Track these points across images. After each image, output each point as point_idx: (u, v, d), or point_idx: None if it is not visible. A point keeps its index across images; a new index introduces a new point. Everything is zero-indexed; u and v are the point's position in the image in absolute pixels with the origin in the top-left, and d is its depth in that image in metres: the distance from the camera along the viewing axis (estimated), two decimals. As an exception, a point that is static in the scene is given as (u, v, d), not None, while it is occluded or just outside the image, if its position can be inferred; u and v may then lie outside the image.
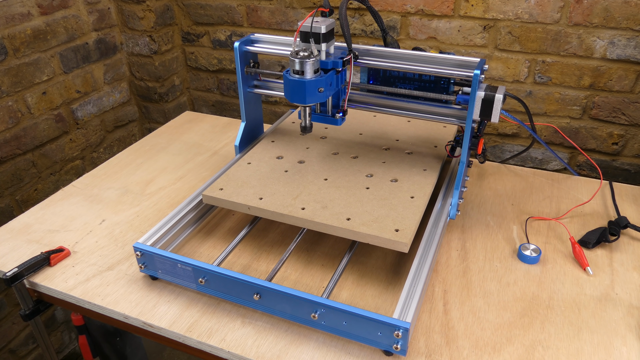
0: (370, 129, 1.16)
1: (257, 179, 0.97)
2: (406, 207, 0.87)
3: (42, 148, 1.50)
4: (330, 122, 0.99)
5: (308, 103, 0.88)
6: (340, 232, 0.84)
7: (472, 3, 1.34)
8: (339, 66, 0.90)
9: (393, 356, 0.74)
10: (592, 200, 1.07)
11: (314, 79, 0.86)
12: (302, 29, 0.87)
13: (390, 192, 0.92)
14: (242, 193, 0.93)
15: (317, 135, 1.13)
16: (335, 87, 0.92)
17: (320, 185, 0.95)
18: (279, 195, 0.92)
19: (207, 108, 1.89)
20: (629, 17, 1.22)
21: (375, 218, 0.85)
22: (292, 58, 0.85)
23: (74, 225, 1.04)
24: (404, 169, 0.99)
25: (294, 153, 1.06)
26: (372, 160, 1.03)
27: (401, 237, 0.80)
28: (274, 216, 0.88)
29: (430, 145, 1.08)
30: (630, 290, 0.85)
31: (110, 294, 0.87)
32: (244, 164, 1.02)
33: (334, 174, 0.98)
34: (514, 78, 1.40)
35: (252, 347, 0.76)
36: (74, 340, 1.71)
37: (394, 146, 1.08)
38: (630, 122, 1.34)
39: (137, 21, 1.63)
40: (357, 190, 0.93)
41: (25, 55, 1.40)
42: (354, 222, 0.84)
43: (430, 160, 1.02)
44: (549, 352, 0.74)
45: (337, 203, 0.89)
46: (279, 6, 1.56)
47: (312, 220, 0.85)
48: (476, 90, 0.87)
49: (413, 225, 0.83)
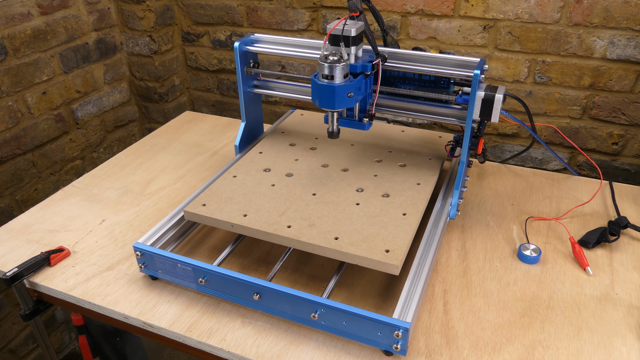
0: (362, 139, 1.11)
1: (242, 194, 0.93)
2: (397, 225, 0.84)
3: (42, 148, 1.50)
4: (358, 126, 0.97)
5: (337, 108, 0.86)
6: (327, 252, 0.80)
7: (472, 3, 1.34)
8: (368, 70, 0.88)
9: (393, 356, 0.74)
10: (592, 200, 1.06)
11: (344, 84, 0.83)
12: (330, 31, 0.84)
13: (382, 209, 0.88)
14: (226, 209, 0.88)
15: (307, 146, 1.09)
16: (363, 91, 0.90)
17: (308, 200, 0.90)
18: (264, 212, 0.87)
19: (207, 108, 1.89)
20: (629, 17, 1.22)
21: (364, 237, 0.81)
22: (322, 62, 0.83)
23: (74, 225, 1.04)
24: (396, 183, 0.95)
25: (282, 165, 1.02)
26: (363, 173, 0.99)
27: (391, 259, 0.76)
28: (259, 235, 0.84)
29: (425, 158, 1.04)
30: (630, 290, 0.85)
31: (110, 294, 0.87)
32: (229, 177, 0.98)
33: (322, 188, 0.94)
34: (514, 78, 1.40)
35: (252, 347, 0.76)
36: (74, 340, 1.71)
37: (386, 158, 1.04)
38: (630, 122, 1.34)
39: (137, 21, 1.63)
40: (346, 207, 0.89)
41: (25, 55, 1.40)
42: (342, 241, 0.80)
43: (424, 174, 0.98)
44: (549, 352, 0.74)
45: (325, 220, 0.85)
46: (279, 6, 1.56)
47: (298, 239, 0.81)
48: (476, 90, 0.87)
49: (404, 245, 0.79)
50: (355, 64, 0.87)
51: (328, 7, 1.50)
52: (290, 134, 1.14)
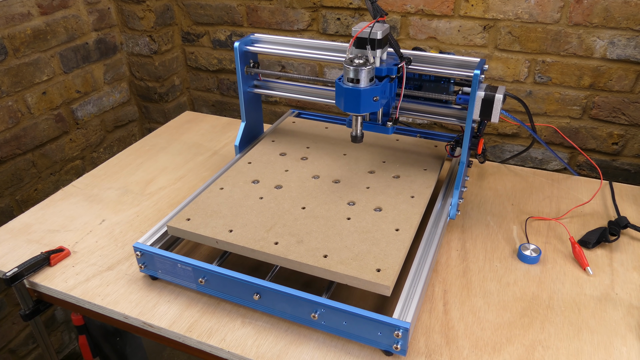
0: (355, 148, 1.08)
1: (229, 207, 0.89)
2: (390, 241, 0.80)
3: (42, 148, 1.50)
4: (381, 130, 0.95)
5: (362, 112, 0.84)
6: (315, 271, 0.77)
7: (472, 3, 1.34)
8: (393, 73, 0.86)
9: (393, 356, 0.74)
10: (592, 200, 1.06)
11: (369, 88, 0.82)
12: (357, 34, 0.83)
13: (374, 224, 0.84)
14: (211, 224, 0.85)
15: (298, 155, 1.05)
16: (388, 95, 0.88)
17: (297, 215, 0.87)
18: (251, 227, 0.84)
19: (207, 108, 1.89)
20: (629, 17, 1.22)
21: (355, 255, 0.78)
22: (347, 66, 0.81)
23: (74, 225, 1.04)
24: (389, 196, 0.91)
25: (272, 177, 0.98)
26: (355, 185, 0.95)
27: (382, 279, 0.73)
28: (244, 252, 0.81)
29: (420, 168, 1.00)
30: (630, 290, 0.85)
31: (110, 294, 0.87)
32: (216, 189, 0.94)
33: (312, 201, 0.91)
34: (514, 78, 1.40)
35: (252, 347, 0.76)
36: (74, 340, 1.71)
37: (379, 168, 1.00)
38: (630, 122, 1.34)
39: (137, 21, 1.63)
40: (337, 221, 0.85)
41: (25, 55, 1.40)
42: (331, 259, 0.77)
43: (418, 186, 0.94)
44: (549, 352, 0.74)
45: (314, 237, 0.82)
46: (279, 6, 1.56)
47: (285, 257, 0.78)
48: (476, 90, 0.87)
49: (396, 264, 0.76)
50: (380, 67, 0.85)
51: (328, 7, 1.50)
52: (281, 142, 1.11)
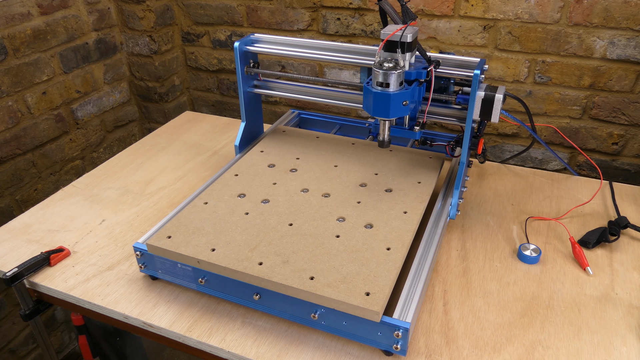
0: (347, 159, 1.03)
1: (212, 224, 0.85)
2: (380, 262, 0.76)
3: (42, 148, 1.50)
4: (408, 135, 0.94)
5: (392, 117, 0.83)
6: (301, 294, 0.73)
7: (472, 3, 1.34)
8: (422, 77, 0.85)
9: (393, 356, 0.74)
10: (592, 200, 1.06)
11: (399, 92, 0.80)
12: (387, 38, 0.81)
13: (364, 242, 0.80)
14: (193, 242, 0.81)
15: (287, 167, 1.01)
16: (417, 99, 0.87)
17: (283, 232, 0.83)
18: (234, 246, 0.80)
19: (207, 108, 1.89)
20: (629, 17, 1.22)
21: (343, 277, 0.74)
22: (376, 69, 0.80)
23: (74, 225, 1.04)
24: (381, 212, 0.87)
25: (259, 190, 0.94)
26: (346, 199, 0.91)
27: (372, 304, 0.69)
28: (226, 272, 0.77)
29: (414, 181, 0.96)
30: (630, 290, 0.85)
31: (110, 294, 0.87)
32: (200, 203, 0.90)
33: (300, 217, 0.86)
34: (514, 78, 1.40)
35: (252, 347, 0.76)
36: (74, 340, 1.71)
37: (372, 181, 0.96)
38: (630, 122, 1.34)
39: (137, 21, 1.63)
40: (325, 239, 0.81)
41: (25, 55, 1.40)
42: (318, 282, 0.73)
43: (411, 201, 0.90)
44: (549, 352, 0.74)
45: (300, 256, 0.78)
46: (279, 6, 1.56)
47: (269, 279, 0.74)
48: (476, 90, 0.87)
49: (387, 287, 0.72)
50: (409, 71, 0.84)
51: (328, 7, 1.50)
52: (270, 153, 1.06)
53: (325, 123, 1.27)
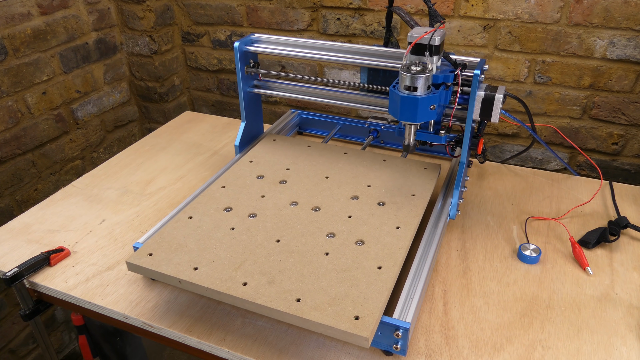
0: (339, 170, 1.00)
1: (196, 240, 0.81)
2: (371, 282, 0.73)
3: (42, 148, 1.50)
4: (434, 139, 0.93)
5: (419, 121, 0.82)
6: (287, 318, 0.69)
7: (472, 3, 1.34)
8: (449, 80, 0.84)
9: (393, 356, 0.74)
10: (592, 200, 1.06)
11: (427, 96, 0.79)
12: (416, 41, 0.80)
13: (354, 260, 0.77)
14: (175, 260, 0.77)
15: (276, 178, 0.97)
16: (443, 103, 0.86)
17: (270, 249, 0.79)
18: (218, 264, 0.76)
19: (207, 108, 1.89)
20: (629, 17, 1.22)
21: (331, 298, 0.70)
22: (404, 73, 0.79)
23: (74, 225, 1.04)
24: (373, 227, 0.84)
25: (246, 203, 0.90)
26: (337, 213, 0.87)
27: (360, 329, 0.65)
28: (209, 293, 0.73)
29: (408, 194, 0.92)
30: (630, 290, 0.85)
31: (110, 294, 0.87)
32: (184, 218, 0.86)
33: (288, 233, 0.83)
34: (514, 78, 1.40)
35: (252, 347, 0.76)
36: (74, 340, 1.71)
37: (364, 194, 0.93)
38: (630, 122, 1.34)
39: (137, 21, 1.63)
40: (313, 257, 0.77)
41: (25, 55, 1.40)
42: (304, 304, 0.69)
43: (405, 215, 0.86)
44: (549, 352, 0.74)
45: (287, 276, 0.74)
46: (279, 6, 1.56)
47: (253, 301, 0.70)
48: (476, 90, 0.87)
49: (377, 310, 0.68)
50: (436, 75, 0.83)
51: (328, 7, 1.50)
52: (259, 163, 1.03)
53: (325, 123, 1.27)
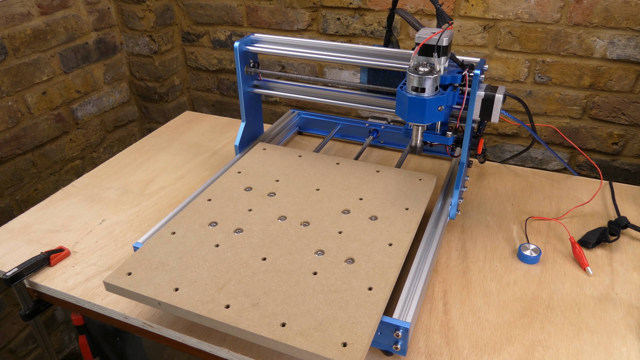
0: (330, 182, 0.96)
1: (178, 258, 0.77)
2: (360, 304, 0.69)
3: (42, 148, 1.50)
4: (441, 140, 0.92)
5: (427, 123, 0.82)
6: (271, 344, 0.66)
7: (472, 3, 1.34)
8: (457, 81, 0.84)
9: (393, 356, 0.74)
10: (592, 200, 1.06)
11: (434, 97, 0.79)
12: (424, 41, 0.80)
13: (343, 280, 0.73)
14: (155, 280, 0.73)
15: (265, 190, 0.94)
16: (451, 104, 0.86)
17: (255, 268, 0.76)
18: (200, 284, 0.73)
19: (207, 108, 1.89)
20: (629, 17, 1.22)
21: (318, 323, 0.66)
22: (411, 74, 0.78)
23: (74, 225, 1.04)
24: (364, 243, 0.80)
25: (232, 218, 0.86)
26: (326, 229, 0.84)
27: (348, 357, 0.62)
28: (189, 316, 0.70)
29: (401, 207, 0.89)
30: (630, 290, 0.85)
31: (110, 294, 0.87)
32: (167, 233, 0.82)
33: (275, 250, 0.79)
34: (514, 78, 1.40)
35: (252, 347, 0.76)
36: (74, 340, 1.71)
37: (355, 207, 0.89)
38: (630, 122, 1.34)
39: (137, 21, 1.63)
40: (301, 277, 0.74)
41: (25, 55, 1.40)
42: (289, 329, 0.66)
43: (397, 231, 0.83)
44: (549, 352, 0.74)
45: (272, 297, 0.70)
46: (279, 6, 1.56)
47: (235, 326, 0.67)
48: (476, 90, 0.87)
49: (366, 336, 0.65)
50: (444, 76, 0.83)
51: (328, 7, 1.50)
52: (247, 174, 0.99)
53: (325, 123, 1.27)
